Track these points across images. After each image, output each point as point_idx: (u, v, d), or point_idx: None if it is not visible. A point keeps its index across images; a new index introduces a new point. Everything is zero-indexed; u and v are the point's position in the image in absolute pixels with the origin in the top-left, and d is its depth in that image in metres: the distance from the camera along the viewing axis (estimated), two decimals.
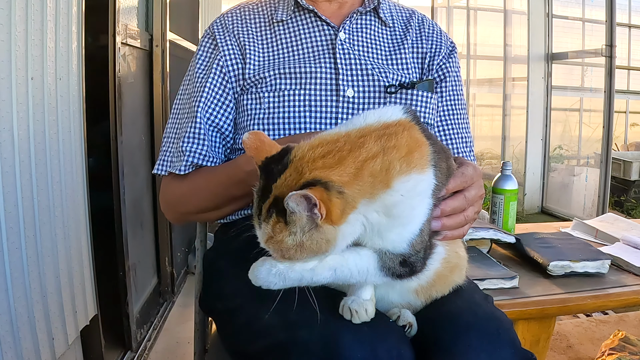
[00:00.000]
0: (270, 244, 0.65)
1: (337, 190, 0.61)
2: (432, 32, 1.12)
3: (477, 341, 0.71)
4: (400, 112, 0.70)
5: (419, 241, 0.68)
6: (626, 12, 4.82)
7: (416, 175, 0.65)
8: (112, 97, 1.83)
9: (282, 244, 0.63)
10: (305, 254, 0.63)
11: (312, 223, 0.61)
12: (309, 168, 0.62)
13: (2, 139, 1.15)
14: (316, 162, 0.63)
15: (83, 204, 1.55)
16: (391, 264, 0.68)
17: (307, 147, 0.65)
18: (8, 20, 1.14)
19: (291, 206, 0.60)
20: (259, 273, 0.67)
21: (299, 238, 0.62)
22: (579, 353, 1.77)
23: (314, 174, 0.62)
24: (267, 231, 0.64)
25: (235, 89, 1.02)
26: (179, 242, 2.75)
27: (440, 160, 0.69)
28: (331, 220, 0.61)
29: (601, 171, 4.02)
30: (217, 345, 1.05)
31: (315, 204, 0.59)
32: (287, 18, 1.05)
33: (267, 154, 0.68)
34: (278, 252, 0.64)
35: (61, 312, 1.39)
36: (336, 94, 1.00)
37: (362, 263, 0.67)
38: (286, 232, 0.62)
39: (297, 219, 0.61)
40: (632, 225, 1.66)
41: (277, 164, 0.65)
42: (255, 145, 0.69)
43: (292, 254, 0.63)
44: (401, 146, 0.65)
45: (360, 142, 0.65)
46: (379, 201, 0.63)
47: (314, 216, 0.61)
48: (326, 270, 0.66)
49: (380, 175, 0.63)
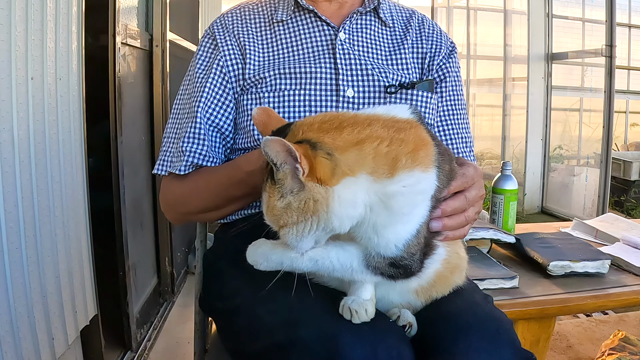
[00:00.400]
0: (268, 215, 0.65)
1: (325, 150, 0.61)
2: (432, 32, 1.12)
3: (477, 341, 0.71)
4: (407, 112, 0.70)
5: (415, 243, 0.67)
6: (626, 12, 4.82)
7: (419, 172, 0.65)
8: (112, 97, 1.82)
9: (276, 210, 0.63)
10: (295, 216, 0.62)
11: (299, 183, 0.61)
12: (302, 131, 0.64)
13: (2, 139, 1.15)
14: (312, 126, 0.64)
15: (83, 204, 1.55)
16: (378, 265, 0.67)
17: (311, 118, 0.67)
18: (8, 20, 1.14)
19: (269, 154, 0.60)
20: (249, 250, 0.71)
21: (287, 199, 0.62)
22: (579, 353, 1.77)
23: (306, 134, 0.63)
24: (265, 199, 0.65)
25: (235, 89, 1.02)
26: (179, 242, 2.75)
27: (443, 162, 0.69)
28: (317, 178, 0.61)
29: (601, 171, 4.02)
30: (217, 345, 1.05)
31: (295, 157, 0.59)
32: (287, 18, 1.05)
33: (274, 128, 0.70)
34: (275, 222, 0.65)
35: (61, 312, 1.39)
36: (336, 94, 1.00)
37: (344, 258, 0.67)
38: (276, 193, 0.63)
39: (282, 176, 0.61)
40: (632, 225, 1.66)
41: (280, 135, 0.66)
42: (263, 120, 0.72)
43: (284, 219, 0.63)
44: (409, 141, 0.65)
45: (366, 122, 0.65)
46: (381, 185, 0.63)
47: (297, 172, 0.61)
48: (306, 260, 0.67)
49: (386, 160, 0.63)
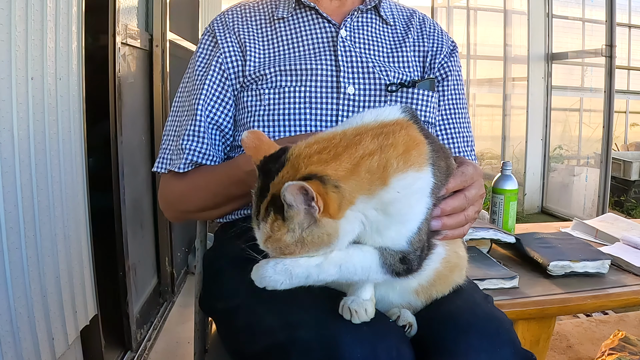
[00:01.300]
0: (269, 244, 0.64)
1: (333, 184, 0.61)
2: (433, 31, 1.12)
3: (477, 341, 0.71)
4: (398, 112, 0.70)
5: (417, 239, 0.67)
6: (626, 12, 4.82)
7: (413, 172, 0.65)
8: (112, 97, 1.82)
9: (281, 242, 0.63)
10: (307, 248, 0.63)
11: (310, 218, 0.61)
12: (304, 164, 0.63)
13: (2, 139, 1.15)
14: (312, 158, 0.63)
15: (83, 204, 1.55)
16: (391, 261, 0.67)
17: (304, 145, 0.65)
18: (8, 20, 1.14)
19: (288, 198, 0.59)
20: (264, 272, 0.64)
21: (298, 234, 0.62)
22: (579, 353, 1.77)
23: (310, 168, 0.62)
24: (265, 231, 0.64)
25: (235, 86, 1.02)
26: (179, 242, 2.75)
27: (438, 159, 0.69)
28: (329, 214, 0.61)
29: (601, 171, 4.02)
30: (217, 345, 1.05)
31: (312, 196, 0.59)
32: (287, 15, 1.05)
33: (265, 153, 0.68)
34: (277, 251, 0.64)
35: (61, 312, 1.39)
36: (337, 91, 1.00)
37: (365, 260, 0.67)
38: (284, 229, 0.62)
39: (294, 214, 0.61)
40: (632, 225, 1.65)
41: (275, 163, 0.65)
42: (254, 144, 0.69)
43: (292, 249, 0.63)
44: (398, 144, 0.65)
45: (356, 139, 0.65)
46: (376, 198, 0.63)
47: (312, 210, 0.60)
48: (332, 267, 0.65)
49: (378, 172, 0.63)
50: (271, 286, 0.64)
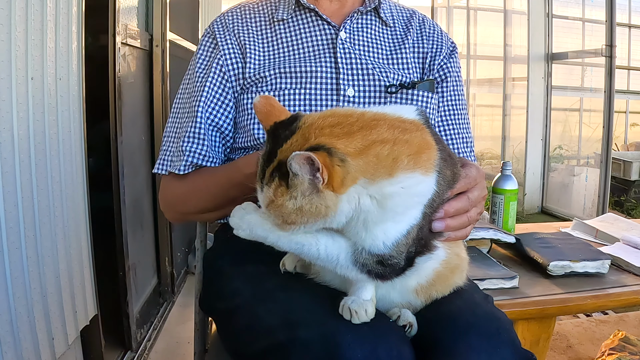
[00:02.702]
0: (271, 208, 0.65)
1: (339, 157, 0.61)
2: (432, 32, 1.12)
3: (477, 341, 0.71)
4: (414, 113, 0.70)
5: (404, 243, 0.67)
6: (626, 12, 4.82)
7: (419, 175, 0.65)
8: (112, 97, 1.82)
9: (283, 208, 0.63)
10: (305, 218, 0.63)
11: (313, 187, 0.61)
12: (315, 135, 0.63)
13: (2, 139, 1.15)
14: (324, 130, 0.63)
15: (83, 204, 1.55)
16: (365, 261, 0.67)
17: (318, 116, 0.66)
18: (8, 20, 1.14)
19: (294, 167, 0.60)
20: (235, 212, 0.70)
21: (299, 202, 0.62)
22: (579, 353, 1.77)
23: (320, 139, 0.62)
24: (268, 195, 0.64)
25: (235, 88, 1.02)
26: (179, 242, 2.75)
27: (445, 168, 0.69)
28: (332, 187, 0.62)
29: (601, 171, 4.02)
30: (217, 345, 1.05)
31: (318, 167, 0.60)
32: (287, 17, 1.05)
33: (276, 118, 0.69)
34: (279, 217, 0.64)
35: (61, 312, 1.39)
36: (336, 93, 1.00)
37: (332, 249, 0.67)
38: (287, 195, 0.62)
39: (298, 182, 0.61)
40: (632, 225, 1.66)
41: (285, 130, 0.66)
42: (266, 109, 0.70)
43: (293, 218, 0.63)
44: (413, 143, 0.65)
45: (372, 124, 0.65)
46: (377, 186, 0.63)
47: (316, 180, 0.61)
48: (292, 243, 0.68)
49: (386, 162, 0.63)
50: (235, 228, 0.70)
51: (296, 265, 0.83)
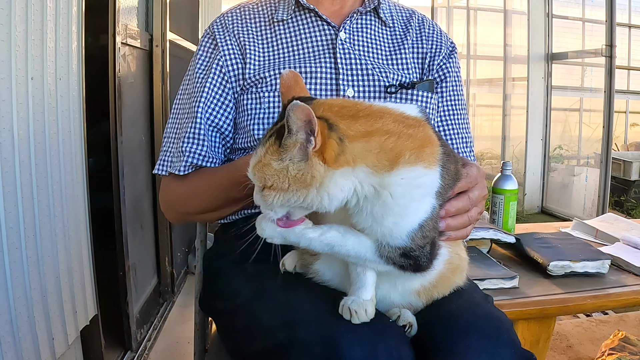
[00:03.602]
0: (257, 169, 0.66)
1: (339, 135, 0.63)
2: (432, 33, 1.12)
3: (477, 341, 0.71)
4: (416, 111, 0.71)
5: (420, 236, 0.67)
6: (626, 12, 4.82)
7: (422, 168, 0.66)
8: (112, 97, 1.82)
9: (267, 168, 0.64)
10: (287, 182, 0.63)
11: (303, 155, 0.63)
12: (323, 109, 0.65)
13: (2, 139, 1.15)
14: (332, 108, 0.66)
15: (83, 204, 1.55)
16: (390, 254, 0.68)
17: (331, 99, 0.69)
18: (8, 20, 1.14)
19: (291, 117, 0.61)
20: (266, 226, 0.70)
21: (285, 163, 0.63)
22: (579, 353, 1.77)
23: (326, 114, 0.65)
24: (259, 153, 0.66)
25: (235, 88, 1.02)
26: (179, 242, 2.75)
27: (448, 163, 0.70)
28: (323, 157, 0.63)
29: (601, 171, 4.02)
30: (217, 345, 1.05)
31: (313, 129, 0.61)
32: (287, 17, 1.05)
33: (295, 94, 0.71)
34: (261, 179, 0.65)
35: (61, 312, 1.39)
36: (336, 93, 1.00)
37: (360, 246, 0.68)
38: (276, 155, 0.64)
39: (291, 143, 0.62)
40: (632, 225, 1.65)
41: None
42: (289, 83, 0.74)
43: (273, 180, 0.64)
44: (417, 138, 0.66)
45: (379, 114, 0.67)
46: (379, 177, 0.64)
47: (309, 145, 0.62)
48: (324, 245, 0.69)
49: (389, 155, 0.64)
50: (269, 239, 0.71)
51: (296, 265, 0.83)
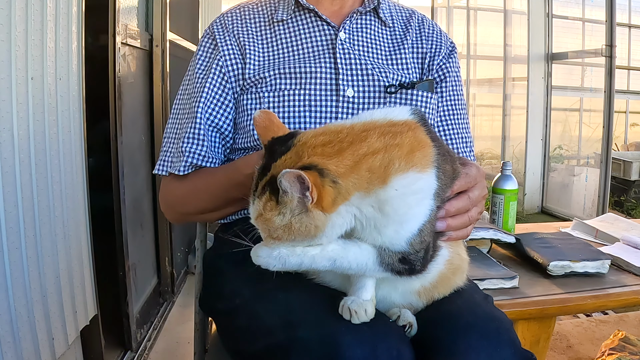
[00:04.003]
0: (259, 222, 0.66)
1: (331, 179, 0.62)
2: (432, 32, 1.12)
3: (477, 341, 0.71)
4: (407, 113, 0.70)
5: (419, 241, 0.67)
6: (626, 12, 4.82)
7: (414, 173, 0.65)
8: (112, 97, 1.82)
9: (270, 223, 0.64)
10: (293, 236, 0.64)
11: (302, 206, 0.62)
12: (308, 153, 0.64)
13: (2, 139, 1.15)
14: (316, 149, 0.64)
15: (83, 204, 1.55)
16: (390, 260, 0.68)
17: (312, 134, 0.67)
18: (8, 20, 1.14)
19: (284, 184, 0.61)
20: (261, 252, 0.67)
21: (287, 219, 0.63)
22: (579, 353, 1.77)
23: (312, 159, 0.63)
24: (258, 208, 0.65)
25: (235, 89, 1.02)
26: (179, 242, 2.75)
27: (444, 163, 0.69)
28: (322, 207, 0.62)
29: (601, 171, 4.02)
30: (217, 345, 1.05)
31: (307, 186, 0.60)
32: (287, 18, 1.05)
33: (274, 134, 0.70)
34: (266, 231, 0.65)
35: (61, 312, 1.39)
36: (336, 93, 1.00)
37: (361, 257, 0.68)
38: (276, 211, 0.63)
39: (288, 200, 0.62)
40: (632, 225, 1.65)
41: (281, 145, 0.67)
42: (265, 124, 0.72)
43: (279, 234, 0.64)
44: (404, 145, 0.65)
45: (363, 136, 0.66)
46: (373, 196, 0.64)
47: (305, 199, 0.62)
48: (325, 260, 0.67)
49: (379, 171, 0.64)
50: (264, 266, 0.67)
51: None
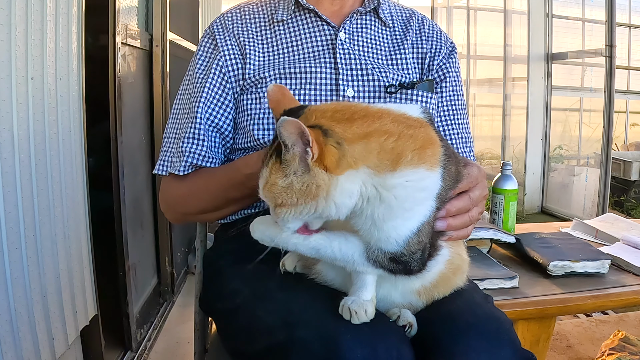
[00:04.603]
0: (265, 190, 0.66)
1: (336, 139, 0.62)
2: (432, 33, 1.12)
3: (477, 341, 0.71)
4: (418, 111, 0.71)
5: (416, 241, 0.67)
6: (626, 12, 4.82)
7: (424, 170, 0.65)
8: (112, 97, 1.82)
9: (275, 187, 0.64)
10: (295, 197, 0.63)
11: (304, 166, 0.62)
12: (315, 117, 0.64)
13: (2, 139, 1.15)
14: (325, 114, 0.65)
15: (83, 204, 1.55)
16: (378, 259, 0.68)
17: (324, 105, 0.68)
18: (8, 20, 1.14)
19: (283, 134, 0.60)
20: (258, 226, 0.72)
21: (289, 179, 0.63)
22: (579, 353, 1.77)
23: (319, 121, 0.64)
24: (265, 175, 0.65)
25: (235, 89, 1.02)
26: (179, 242, 2.75)
27: (450, 164, 0.69)
28: (324, 165, 0.62)
29: (601, 171, 4.02)
30: (217, 345, 1.05)
31: (308, 139, 0.60)
32: (287, 18, 1.05)
33: (286, 107, 0.70)
34: (272, 200, 0.65)
35: (61, 312, 1.39)
36: (336, 93, 1.00)
37: (346, 249, 0.68)
38: (280, 172, 0.63)
39: (290, 158, 0.62)
40: (632, 225, 1.65)
41: (292, 116, 0.66)
42: (277, 97, 0.73)
43: (282, 198, 0.64)
44: (418, 138, 0.65)
45: (377, 115, 0.66)
46: (381, 178, 0.64)
47: (307, 156, 0.61)
48: (309, 248, 0.69)
49: (390, 155, 0.64)
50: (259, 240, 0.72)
51: (296, 265, 0.83)
